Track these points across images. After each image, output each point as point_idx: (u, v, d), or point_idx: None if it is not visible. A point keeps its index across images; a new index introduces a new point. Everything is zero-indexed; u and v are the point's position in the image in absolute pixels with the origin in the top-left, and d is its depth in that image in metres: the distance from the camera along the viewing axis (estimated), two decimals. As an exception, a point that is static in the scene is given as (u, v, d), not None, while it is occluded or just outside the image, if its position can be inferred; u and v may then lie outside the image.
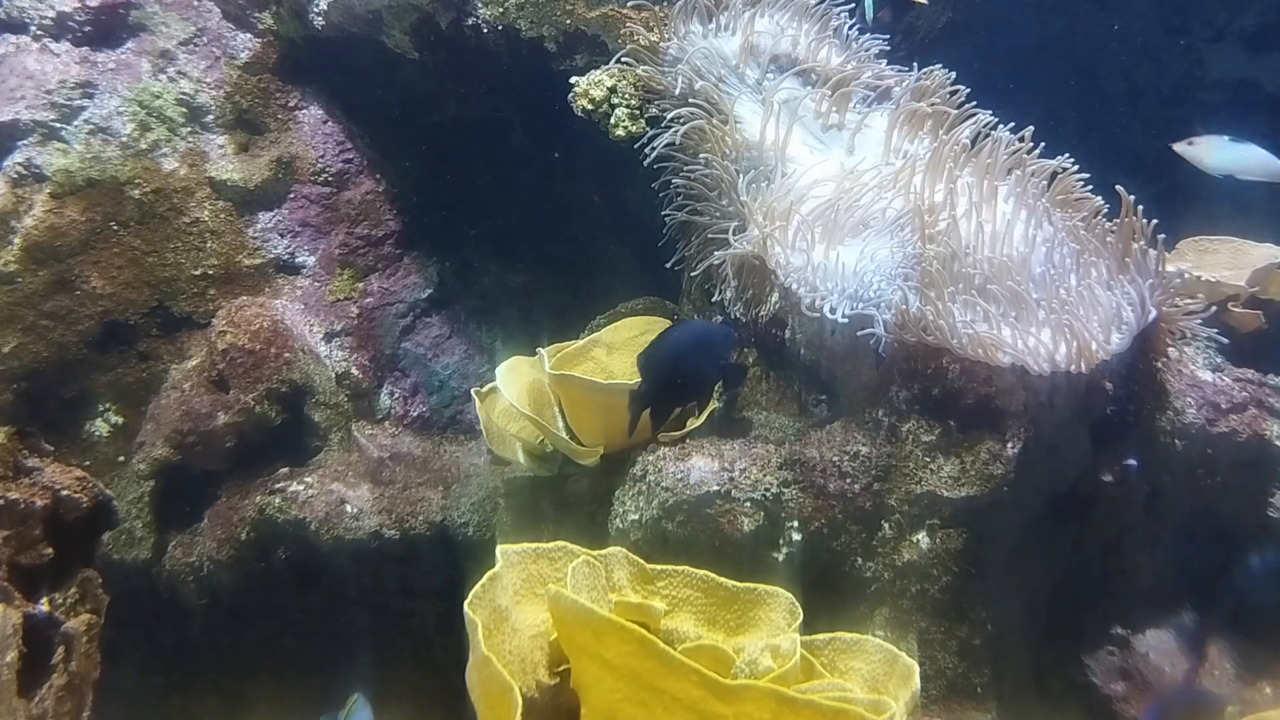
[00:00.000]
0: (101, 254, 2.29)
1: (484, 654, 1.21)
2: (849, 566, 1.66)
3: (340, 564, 2.15)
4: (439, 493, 2.20)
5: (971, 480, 1.61)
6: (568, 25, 2.14)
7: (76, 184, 2.30)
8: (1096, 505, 1.81)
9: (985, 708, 1.63)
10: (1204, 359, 1.94)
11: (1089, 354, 1.58)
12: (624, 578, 1.43)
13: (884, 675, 1.37)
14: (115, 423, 2.28)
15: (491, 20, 2.19)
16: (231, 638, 2.23)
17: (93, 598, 1.46)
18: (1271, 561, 1.88)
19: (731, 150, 1.88)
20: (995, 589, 1.66)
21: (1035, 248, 1.73)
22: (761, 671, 1.30)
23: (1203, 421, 1.85)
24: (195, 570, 2.17)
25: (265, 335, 2.26)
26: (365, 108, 2.53)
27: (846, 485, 1.65)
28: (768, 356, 1.88)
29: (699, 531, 1.65)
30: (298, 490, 2.15)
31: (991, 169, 1.81)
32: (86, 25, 2.40)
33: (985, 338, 1.58)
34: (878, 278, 1.66)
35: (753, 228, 1.76)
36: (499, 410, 1.95)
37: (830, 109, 1.98)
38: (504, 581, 1.35)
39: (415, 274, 2.49)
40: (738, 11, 2.06)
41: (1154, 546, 1.89)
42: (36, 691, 1.29)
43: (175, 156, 2.37)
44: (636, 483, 1.71)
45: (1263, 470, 1.92)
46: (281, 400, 2.25)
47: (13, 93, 2.32)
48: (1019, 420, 1.61)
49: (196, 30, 2.46)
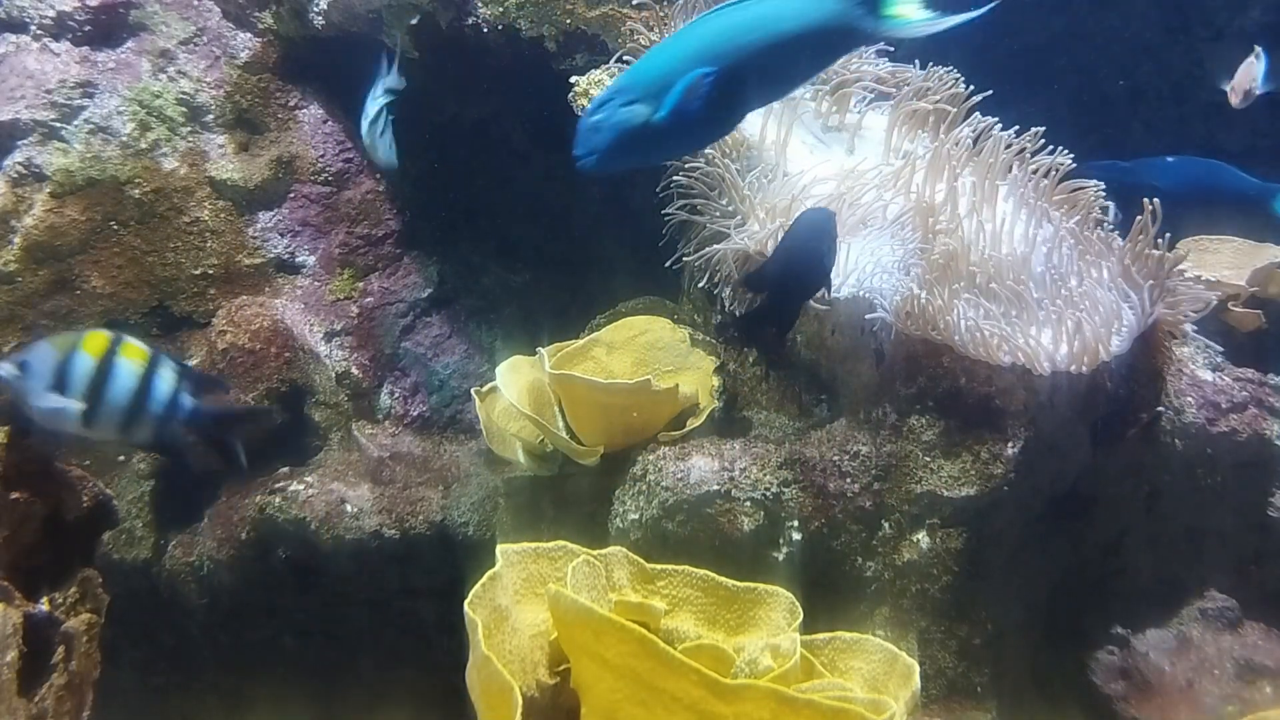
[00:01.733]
0: (101, 253, 2.29)
1: (484, 653, 1.21)
2: (849, 566, 1.66)
3: (340, 563, 2.15)
4: (439, 492, 2.20)
5: (972, 480, 1.61)
6: (568, 25, 2.14)
7: (76, 183, 2.30)
8: (1096, 505, 1.81)
9: (985, 707, 1.63)
10: (1204, 358, 1.94)
11: (1093, 354, 1.58)
12: (624, 577, 1.43)
13: (884, 675, 1.37)
14: (115, 422, 2.28)
15: (491, 20, 2.19)
16: (231, 637, 2.23)
17: (93, 597, 1.46)
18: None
19: (732, 149, 1.88)
20: (995, 588, 1.66)
21: (1035, 247, 1.73)
22: (761, 671, 1.31)
23: (1203, 421, 1.85)
24: (195, 570, 2.17)
25: (265, 335, 2.26)
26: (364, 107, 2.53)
27: (847, 485, 1.65)
28: (768, 356, 1.88)
29: (699, 531, 1.65)
30: (298, 490, 2.15)
31: (992, 168, 1.81)
32: (86, 25, 2.40)
33: (986, 336, 1.58)
34: (879, 272, 1.67)
35: (753, 223, 1.76)
36: (499, 410, 1.95)
37: (830, 109, 1.99)
38: (504, 581, 1.35)
39: (415, 273, 2.49)
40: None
41: (1154, 546, 1.90)
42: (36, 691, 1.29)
43: (175, 156, 2.38)
44: (636, 482, 1.71)
45: (1263, 470, 1.92)
46: (281, 400, 2.25)
47: (13, 92, 2.32)
48: (1019, 420, 1.61)
49: (196, 30, 2.46)
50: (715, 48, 1.46)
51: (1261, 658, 1.79)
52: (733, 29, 1.47)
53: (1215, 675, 1.78)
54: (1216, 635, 1.83)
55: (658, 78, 1.45)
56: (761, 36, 1.46)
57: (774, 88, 1.59)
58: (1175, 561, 1.91)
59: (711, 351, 1.94)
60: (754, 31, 1.47)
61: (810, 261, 1.48)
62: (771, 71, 1.50)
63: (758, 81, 1.49)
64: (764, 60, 1.47)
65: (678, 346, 1.96)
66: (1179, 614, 1.86)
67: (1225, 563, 1.93)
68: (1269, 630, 1.84)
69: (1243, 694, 1.77)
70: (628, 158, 1.54)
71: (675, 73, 1.44)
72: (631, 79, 1.48)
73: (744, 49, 1.46)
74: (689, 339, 1.96)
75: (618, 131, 1.45)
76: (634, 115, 1.44)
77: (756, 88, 1.51)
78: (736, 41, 1.46)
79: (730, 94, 1.46)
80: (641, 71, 1.49)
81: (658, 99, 1.44)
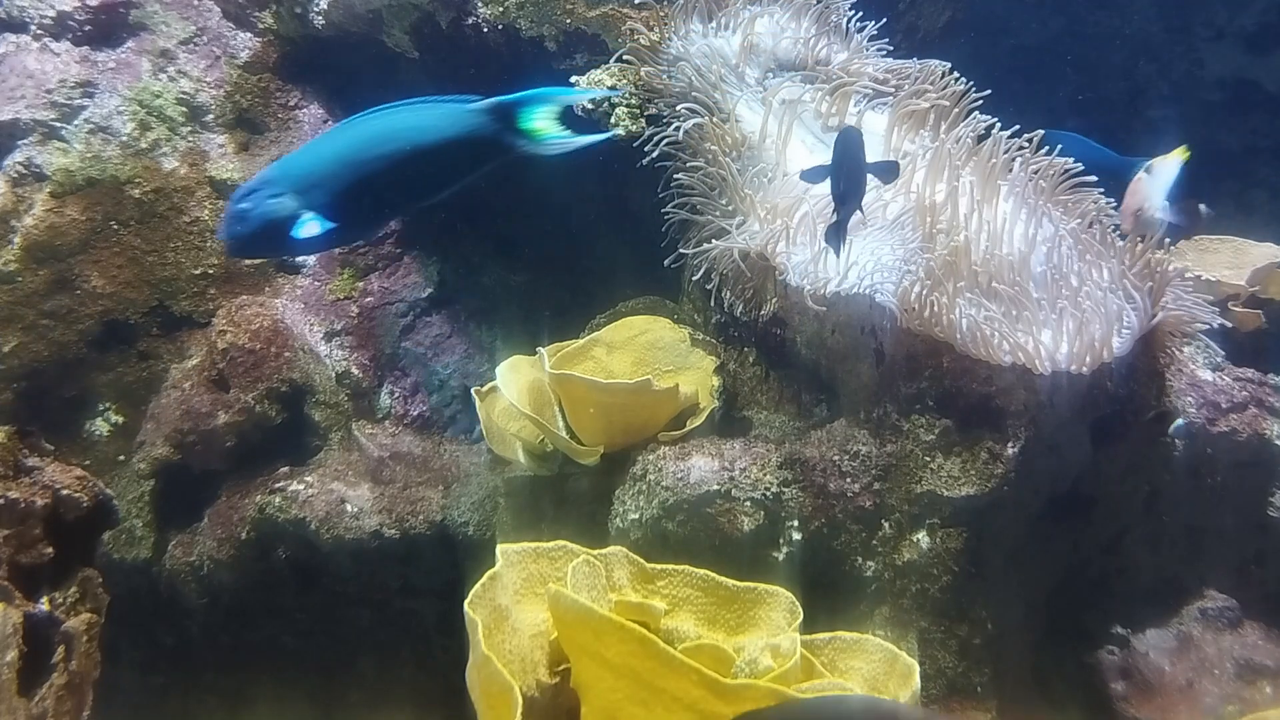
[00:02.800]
0: (101, 253, 2.29)
1: (484, 653, 1.21)
2: (849, 566, 1.66)
3: (340, 563, 2.15)
4: (439, 492, 2.20)
5: (972, 479, 1.61)
6: (568, 25, 2.14)
7: (77, 183, 2.30)
8: (1096, 505, 1.81)
9: (985, 707, 1.63)
10: (1204, 358, 1.94)
11: (1095, 355, 1.58)
12: (624, 577, 1.43)
13: (884, 675, 1.38)
14: (115, 422, 2.28)
15: (491, 19, 2.19)
16: (231, 637, 2.23)
17: (93, 597, 1.46)
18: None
19: (732, 148, 1.88)
20: (995, 588, 1.66)
21: (1035, 247, 1.73)
22: (762, 671, 1.31)
23: (1203, 421, 1.85)
24: (195, 569, 2.17)
25: (265, 334, 2.25)
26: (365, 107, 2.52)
27: (847, 484, 1.65)
28: (768, 356, 1.88)
29: (699, 531, 1.65)
30: (298, 489, 2.15)
31: (993, 168, 1.81)
32: (86, 25, 2.40)
33: (987, 335, 1.58)
34: (879, 271, 1.66)
35: (754, 222, 1.76)
36: (499, 409, 1.95)
37: (830, 109, 1.99)
38: (504, 581, 1.35)
39: (415, 273, 2.49)
40: (737, 10, 2.06)
41: (1154, 546, 1.90)
42: (37, 691, 1.29)
43: (175, 156, 2.38)
44: (637, 482, 1.71)
45: (1263, 470, 1.92)
46: (282, 399, 2.25)
47: (13, 92, 2.32)
48: (1020, 420, 1.61)
49: (197, 30, 2.46)
50: (359, 152, 1.54)
51: (1261, 658, 1.79)
52: (377, 136, 1.56)
53: (1215, 675, 1.78)
54: (1217, 635, 1.83)
55: (304, 175, 1.52)
56: (403, 145, 1.54)
57: (418, 194, 1.66)
58: (1175, 561, 1.91)
59: (711, 351, 1.94)
60: (396, 140, 1.55)
61: (856, 167, 1.51)
62: (413, 179, 1.57)
63: (399, 188, 1.57)
64: (405, 168, 1.54)
65: (678, 346, 1.96)
66: (1179, 614, 1.86)
67: (1225, 563, 1.93)
68: (1269, 630, 1.84)
69: (1243, 694, 1.77)
70: (272, 248, 1.67)
71: (321, 171, 1.52)
72: (280, 172, 1.54)
73: (385, 156, 1.54)
74: (689, 339, 1.96)
75: (262, 222, 1.52)
76: (280, 208, 1.51)
77: (398, 194, 1.59)
78: (379, 149, 1.54)
79: (369, 198, 1.54)
80: (289, 166, 1.56)
81: (303, 195, 1.51)
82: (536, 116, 1.57)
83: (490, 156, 1.69)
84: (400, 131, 1.55)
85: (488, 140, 1.57)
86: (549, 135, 1.58)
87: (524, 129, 1.56)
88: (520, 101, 1.57)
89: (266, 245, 1.64)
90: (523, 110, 1.56)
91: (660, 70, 2.02)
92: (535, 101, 1.57)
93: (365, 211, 1.56)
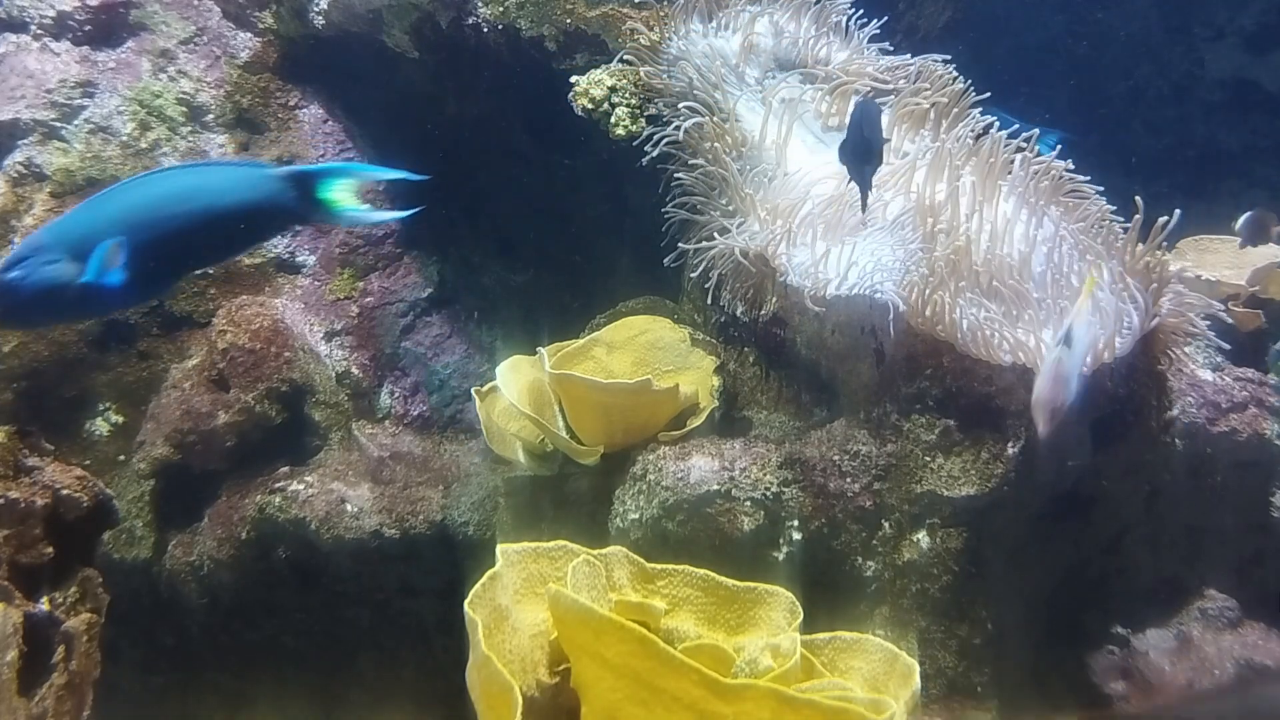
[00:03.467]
0: (101, 253, 2.29)
1: (484, 653, 1.21)
2: (849, 565, 1.66)
3: (340, 563, 2.15)
4: (439, 492, 2.20)
5: (972, 479, 1.61)
6: (568, 24, 2.14)
7: (77, 183, 2.30)
8: (1096, 505, 1.81)
9: (985, 707, 1.63)
10: (1204, 358, 1.94)
11: (1096, 355, 1.58)
12: (624, 577, 1.43)
13: (884, 674, 1.37)
14: (115, 422, 2.28)
15: (492, 19, 2.19)
16: (231, 637, 2.23)
17: (93, 597, 1.46)
18: None
19: (732, 148, 1.88)
20: (996, 588, 1.66)
21: (1035, 247, 1.73)
22: (762, 671, 1.31)
23: (1203, 421, 1.85)
24: (195, 569, 2.17)
25: (265, 334, 2.25)
26: (365, 107, 2.53)
27: (847, 484, 1.65)
28: (768, 356, 1.88)
29: (699, 530, 1.65)
30: (298, 489, 2.15)
31: (993, 167, 1.81)
32: (87, 25, 2.40)
33: (988, 335, 1.58)
34: (879, 271, 1.66)
35: (754, 222, 1.76)
36: (499, 409, 1.95)
37: (831, 108, 1.99)
38: (504, 581, 1.35)
39: (415, 273, 2.49)
40: (738, 10, 2.06)
41: (1154, 546, 1.90)
42: (37, 690, 1.29)
43: (175, 156, 2.37)
44: (637, 482, 1.71)
45: (1263, 470, 1.92)
46: (282, 399, 2.24)
47: (13, 92, 2.32)
48: (1020, 419, 1.61)
49: (197, 29, 2.46)
50: (139, 214, 1.47)
51: (1261, 658, 1.79)
52: (160, 198, 1.50)
53: (1215, 675, 1.78)
54: (1217, 635, 1.83)
55: (80, 238, 1.45)
56: (188, 208, 1.49)
57: (202, 256, 1.63)
58: (1175, 561, 1.91)
59: (711, 351, 1.94)
60: (181, 202, 1.49)
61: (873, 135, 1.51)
62: (198, 242, 1.52)
63: (183, 250, 1.51)
64: (190, 231, 1.49)
65: (678, 346, 1.96)
66: (1179, 614, 1.86)
67: (1225, 562, 1.93)
68: (1269, 630, 1.84)
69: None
70: (53, 315, 1.58)
71: (98, 234, 1.44)
72: (53, 237, 1.47)
73: (168, 219, 1.48)
74: (689, 339, 1.96)
75: (40, 289, 1.43)
76: (59, 274, 1.44)
77: (182, 256, 1.53)
78: (161, 211, 1.48)
79: (152, 261, 1.47)
80: (63, 230, 1.48)
81: (81, 260, 1.44)
82: (336, 188, 1.55)
83: (284, 223, 1.71)
84: (194, 192, 1.51)
85: (281, 208, 1.54)
86: (346, 208, 1.56)
87: (321, 199, 1.54)
88: (321, 173, 1.56)
89: (43, 315, 1.55)
90: (322, 181, 1.55)
91: (660, 70, 2.02)
92: (336, 174, 1.56)
93: (151, 274, 1.49)
